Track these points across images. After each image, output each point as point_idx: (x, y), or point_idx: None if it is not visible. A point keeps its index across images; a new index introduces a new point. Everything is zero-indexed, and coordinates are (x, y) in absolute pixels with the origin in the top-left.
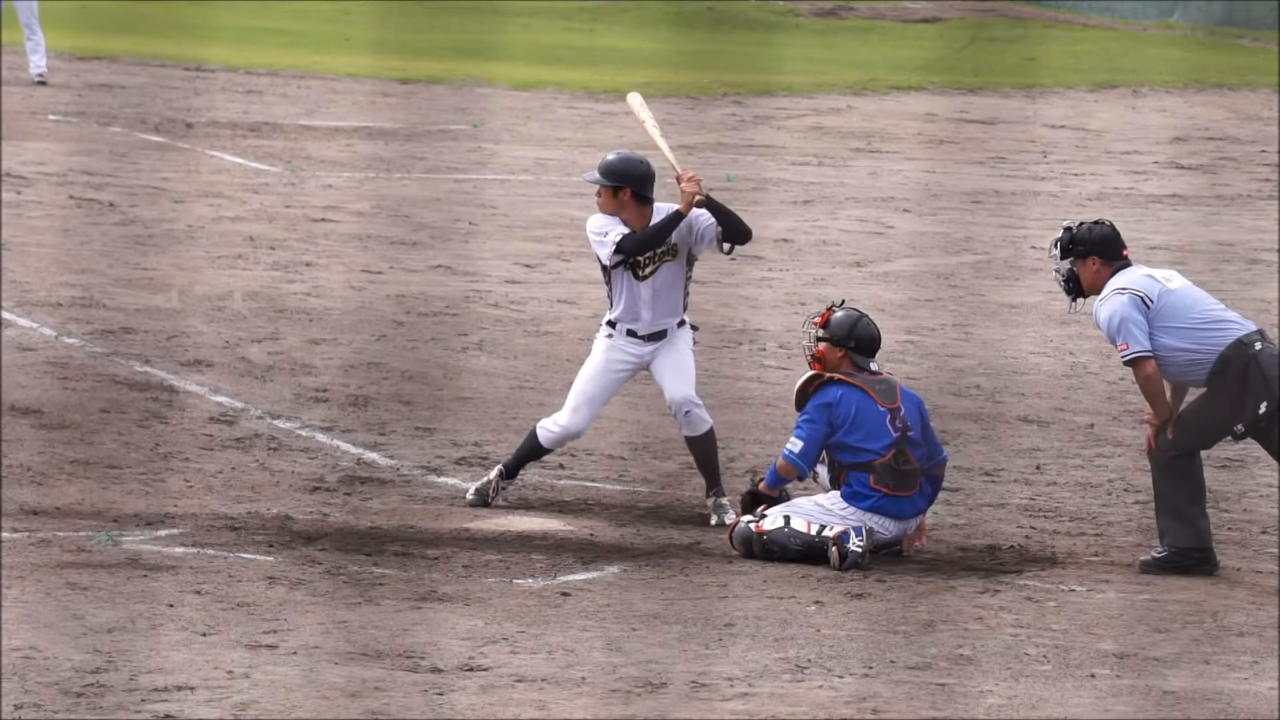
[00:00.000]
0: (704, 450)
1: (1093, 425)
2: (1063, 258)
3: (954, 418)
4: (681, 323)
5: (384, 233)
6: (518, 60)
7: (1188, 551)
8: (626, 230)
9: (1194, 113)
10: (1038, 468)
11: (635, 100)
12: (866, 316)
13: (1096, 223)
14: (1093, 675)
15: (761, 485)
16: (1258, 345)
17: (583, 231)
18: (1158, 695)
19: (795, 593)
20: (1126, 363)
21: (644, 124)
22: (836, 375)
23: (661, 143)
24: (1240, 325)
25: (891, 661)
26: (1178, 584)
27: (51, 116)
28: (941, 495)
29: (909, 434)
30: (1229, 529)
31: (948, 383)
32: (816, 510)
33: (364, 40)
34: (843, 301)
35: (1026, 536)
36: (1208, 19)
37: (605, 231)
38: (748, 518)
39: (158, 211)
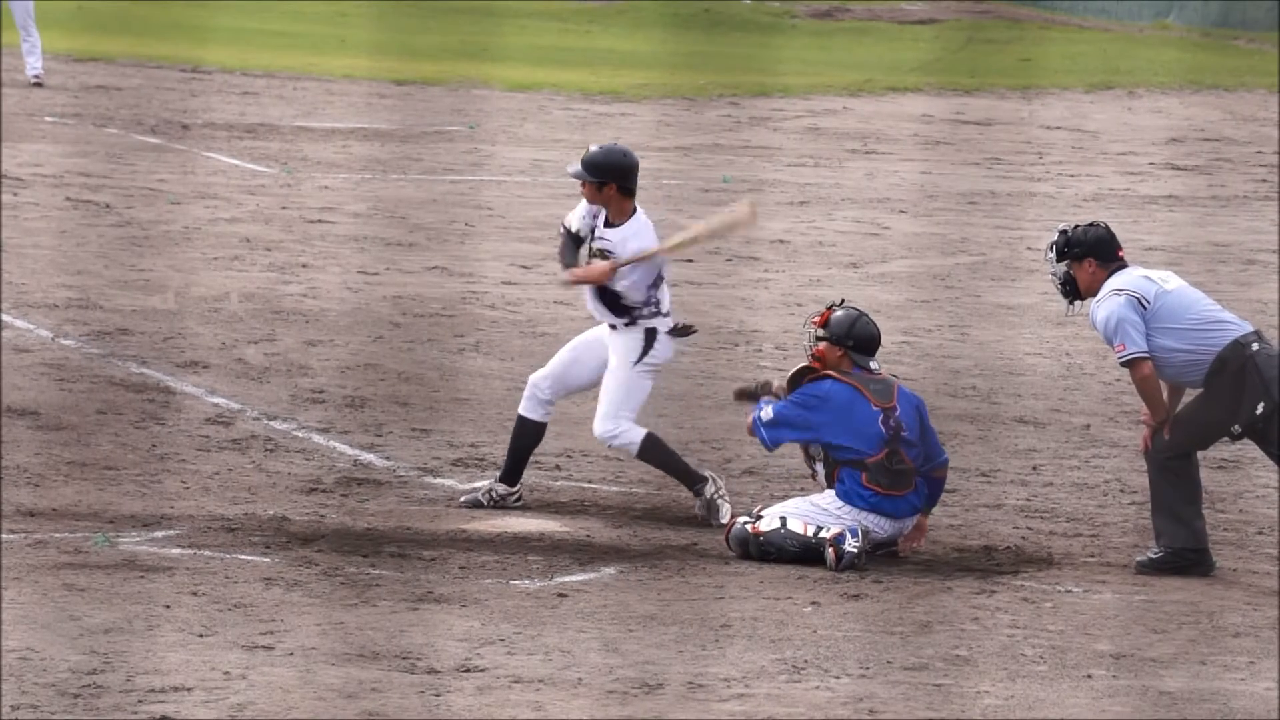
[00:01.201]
0: (657, 461)
1: (1089, 426)
2: (1058, 260)
3: (950, 418)
4: (632, 324)
5: (380, 234)
6: (514, 62)
7: (1184, 552)
8: (575, 224)
9: (1190, 114)
10: (1034, 468)
11: (744, 211)
12: (866, 315)
13: (1091, 224)
14: (1089, 676)
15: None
16: (1255, 346)
17: None
18: (1154, 696)
19: (792, 593)
20: (1123, 363)
21: (713, 227)
22: (833, 373)
23: (689, 235)
24: (1237, 326)
25: (888, 662)
26: (1174, 584)
27: (48, 118)
28: None
29: (902, 434)
30: (1225, 529)
31: (944, 384)
32: (812, 510)
33: (360, 42)
34: (842, 301)
35: (1023, 537)
36: (1204, 20)
37: (571, 213)
38: (744, 519)
39: (154, 213)
